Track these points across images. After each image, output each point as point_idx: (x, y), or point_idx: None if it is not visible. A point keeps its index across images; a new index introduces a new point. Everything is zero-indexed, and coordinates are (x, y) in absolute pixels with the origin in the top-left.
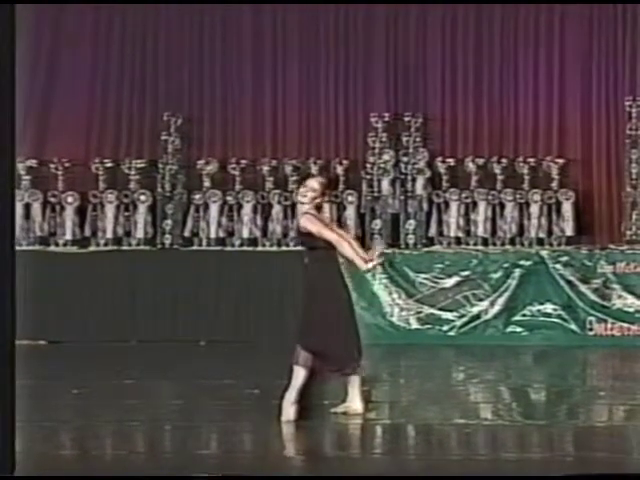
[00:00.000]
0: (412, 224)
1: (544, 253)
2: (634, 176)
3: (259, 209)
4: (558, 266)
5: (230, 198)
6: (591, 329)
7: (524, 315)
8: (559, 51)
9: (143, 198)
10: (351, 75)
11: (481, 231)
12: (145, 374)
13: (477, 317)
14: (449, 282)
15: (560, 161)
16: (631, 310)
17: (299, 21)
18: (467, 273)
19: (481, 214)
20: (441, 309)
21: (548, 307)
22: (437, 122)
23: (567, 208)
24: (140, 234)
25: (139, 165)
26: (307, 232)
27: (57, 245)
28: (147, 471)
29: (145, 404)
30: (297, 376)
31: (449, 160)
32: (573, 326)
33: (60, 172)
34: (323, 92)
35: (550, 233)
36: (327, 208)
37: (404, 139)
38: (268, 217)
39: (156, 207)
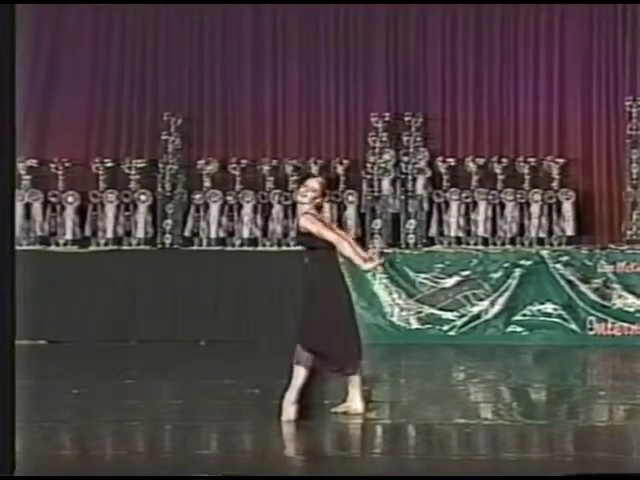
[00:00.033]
0: (412, 224)
1: (544, 253)
2: (634, 176)
3: (259, 209)
4: (558, 266)
5: (230, 198)
6: (591, 329)
7: (524, 315)
8: (559, 51)
9: (143, 198)
10: (351, 75)
11: (481, 231)
12: (145, 374)
13: (477, 317)
14: (449, 282)
15: (560, 161)
16: (631, 310)
17: (299, 21)
18: (467, 273)
19: (481, 214)
20: (441, 309)
21: (548, 307)
22: (437, 122)
23: (567, 208)
24: (140, 234)
25: (139, 165)
26: (307, 232)
27: (57, 245)
28: (147, 471)
29: (145, 404)
30: (297, 376)
31: (449, 160)
32: (573, 326)
33: (60, 172)
34: (323, 92)
35: (550, 233)
36: (327, 208)
37: (404, 139)
38: (268, 217)
39: (156, 207)
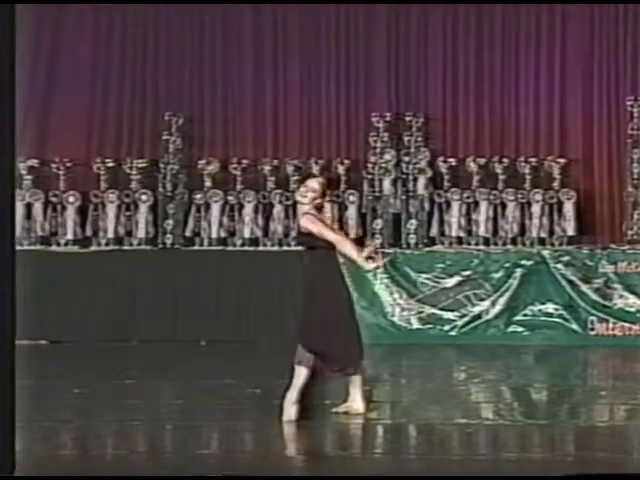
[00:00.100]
0: (413, 224)
1: (545, 253)
2: (635, 176)
3: (260, 209)
4: (559, 266)
5: (231, 198)
6: (592, 329)
7: (525, 315)
8: (560, 51)
9: (144, 198)
10: (352, 75)
11: (482, 231)
12: (145, 374)
13: (478, 317)
14: (450, 282)
15: (561, 161)
16: (632, 310)
17: (300, 21)
18: (468, 273)
19: (482, 214)
20: (442, 309)
21: (549, 307)
22: (438, 122)
23: (568, 208)
24: (141, 234)
25: (140, 165)
26: (308, 232)
27: (58, 245)
28: (147, 471)
29: (145, 404)
30: (298, 376)
31: (450, 160)
32: (574, 326)
33: (61, 172)
34: (324, 92)
35: (551, 233)
36: (328, 208)
37: (405, 139)
38: (269, 217)
39: (157, 207)
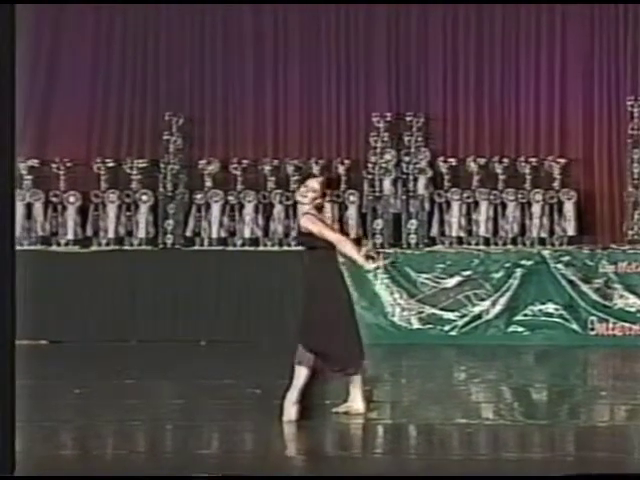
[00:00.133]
0: (414, 224)
1: (546, 253)
2: (636, 176)
3: (261, 209)
4: (560, 266)
5: (232, 198)
6: (593, 329)
7: (526, 315)
8: (560, 51)
9: (145, 198)
10: (353, 75)
11: (483, 231)
12: (145, 374)
13: (479, 317)
14: (451, 282)
15: (562, 161)
16: (633, 310)
17: (300, 21)
18: (469, 273)
19: (483, 214)
20: (443, 309)
21: (550, 307)
22: (439, 122)
23: (569, 208)
24: (142, 234)
25: (141, 165)
26: (308, 232)
27: (59, 245)
28: (147, 471)
29: (145, 404)
30: (299, 376)
31: (451, 160)
32: (575, 326)
33: (62, 172)
34: (325, 92)
35: (552, 233)
36: (329, 208)
37: (406, 139)
38: (270, 217)
39: (158, 207)
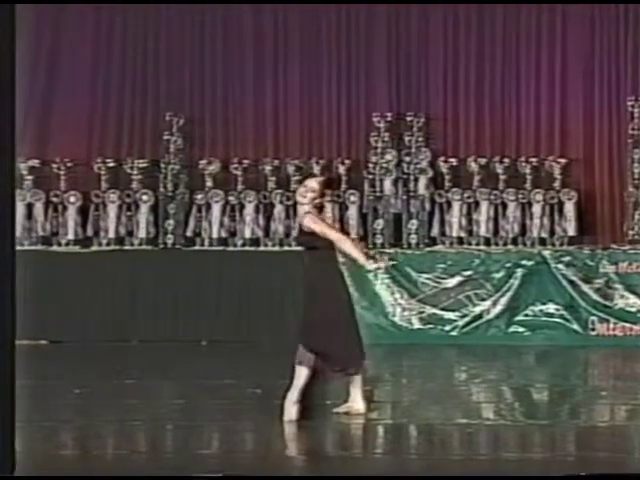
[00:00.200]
0: (414, 224)
1: (546, 253)
2: (636, 176)
3: (261, 209)
4: (560, 266)
5: (232, 198)
6: (593, 329)
7: (526, 315)
8: (561, 51)
9: (145, 198)
10: (353, 75)
11: (483, 231)
12: (146, 374)
13: (479, 317)
14: (451, 282)
15: (562, 161)
16: (633, 310)
17: (300, 21)
18: (469, 273)
19: (483, 214)
20: (443, 309)
21: (550, 307)
22: (439, 122)
23: (569, 208)
24: (142, 234)
25: (141, 165)
26: (310, 231)
27: (59, 245)
28: (148, 471)
29: (146, 404)
30: (299, 376)
31: (451, 160)
32: (575, 326)
33: (62, 172)
34: (325, 92)
35: (552, 233)
36: (329, 208)
37: (406, 139)
38: (270, 217)
39: (158, 207)
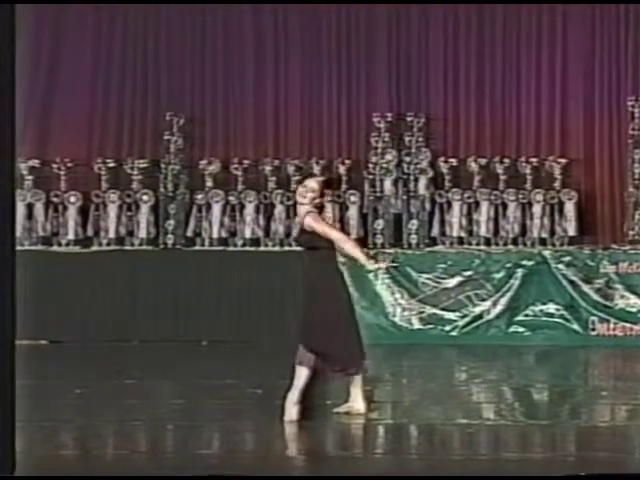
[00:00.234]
0: (415, 224)
1: (547, 253)
2: (637, 176)
3: (261, 209)
4: (561, 266)
5: (232, 198)
6: (594, 329)
7: (527, 315)
8: (561, 51)
9: (145, 198)
10: (353, 75)
11: (484, 231)
12: (146, 374)
13: (479, 317)
14: (452, 282)
15: (563, 161)
16: (634, 310)
17: (301, 21)
18: (470, 273)
19: (484, 214)
20: (443, 309)
21: (551, 307)
22: (439, 122)
23: (570, 208)
24: (142, 234)
25: (141, 165)
26: (311, 230)
27: (60, 245)
28: (148, 471)
29: (146, 404)
30: (300, 376)
31: (451, 160)
32: (575, 326)
33: (62, 172)
34: (325, 92)
35: (553, 233)
36: (329, 208)
37: (406, 139)
38: (270, 217)
39: (158, 207)
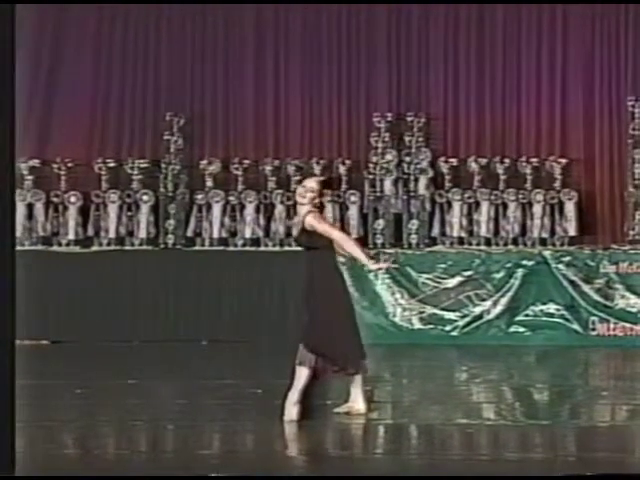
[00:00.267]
0: (415, 224)
1: (547, 253)
2: (637, 176)
3: (262, 209)
4: (561, 266)
5: (232, 198)
6: (594, 329)
7: (527, 315)
8: (561, 51)
9: (146, 198)
10: (354, 75)
11: (484, 231)
12: (147, 374)
13: (480, 317)
14: (452, 282)
15: (563, 161)
16: (634, 310)
17: (301, 21)
18: (470, 273)
19: (484, 214)
20: (444, 309)
21: (551, 307)
22: (440, 122)
23: (570, 208)
24: (143, 234)
25: (142, 165)
26: (312, 230)
27: (60, 245)
28: (148, 471)
29: (147, 404)
30: (300, 376)
31: (452, 160)
32: (576, 326)
33: (63, 172)
34: (326, 92)
35: (553, 233)
36: (330, 208)
37: (407, 139)
38: (271, 217)
39: (159, 207)
